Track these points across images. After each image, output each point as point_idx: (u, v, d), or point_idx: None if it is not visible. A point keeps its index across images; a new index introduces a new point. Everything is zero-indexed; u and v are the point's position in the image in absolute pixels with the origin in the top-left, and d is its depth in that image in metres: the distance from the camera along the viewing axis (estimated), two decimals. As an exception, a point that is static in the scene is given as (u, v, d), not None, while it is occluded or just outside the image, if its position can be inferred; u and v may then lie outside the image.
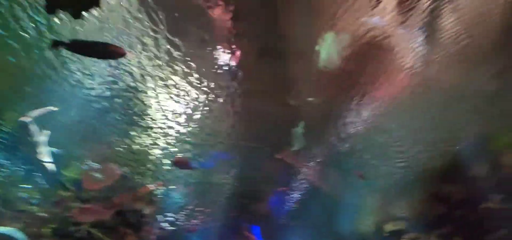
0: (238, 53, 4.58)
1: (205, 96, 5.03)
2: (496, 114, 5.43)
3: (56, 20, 3.18)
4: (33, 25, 3.25)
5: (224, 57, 4.59)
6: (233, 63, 4.74)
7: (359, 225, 8.31)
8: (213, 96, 5.08)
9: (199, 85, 4.82)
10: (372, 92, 5.21)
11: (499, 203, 5.26)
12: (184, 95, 4.92)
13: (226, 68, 4.73)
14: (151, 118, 5.01)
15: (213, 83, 4.88)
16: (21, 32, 3.30)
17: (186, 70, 4.57)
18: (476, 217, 5.54)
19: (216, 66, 4.69)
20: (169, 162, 5.83)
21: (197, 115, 5.30)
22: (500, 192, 5.27)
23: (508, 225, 4.96)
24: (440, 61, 4.82)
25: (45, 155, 4.95)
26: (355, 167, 6.37)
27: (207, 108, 5.27)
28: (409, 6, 4.26)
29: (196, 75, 4.71)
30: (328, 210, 7.83)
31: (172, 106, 4.99)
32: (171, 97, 4.86)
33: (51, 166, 5.08)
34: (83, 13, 2.18)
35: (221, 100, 5.19)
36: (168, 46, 4.14)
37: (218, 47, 4.49)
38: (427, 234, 6.55)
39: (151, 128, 5.15)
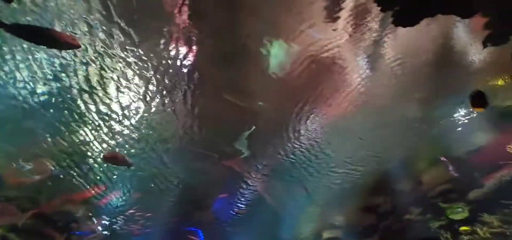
0: (192, 53, 4.49)
1: (154, 95, 4.82)
2: (419, 139, 6.27)
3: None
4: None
5: (178, 55, 4.40)
6: (187, 62, 4.63)
7: (299, 232, 8.74)
8: (163, 95, 4.90)
9: (147, 82, 4.60)
10: (319, 107, 5.57)
11: (417, 215, 6.04)
12: (130, 93, 4.63)
13: (179, 67, 4.54)
14: (94, 115, 4.60)
15: (163, 82, 4.66)
16: None
17: (134, 65, 4.34)
18: (398, 227, 6.28)
19: (168, 64, 4.55)
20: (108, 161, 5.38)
21: (144, 115, 5.02)
22: (419, 206, 6.05)
23: (417, 234, 5.73)
24: (379, 86, 5.42)
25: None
26: (298, 178, 6.69)
27: (156, 107, 5.05)
28: (360, 30, 4.73)
29: (147, 72, 4.50)
30: (271, 217, 8.06)
31: (116, 104, 4.65)
32: (117, 94, 4.54)
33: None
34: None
35: (170, 100, 5.01)
36: (117, 37, 3.91)
37: (172, 44, 4.37)
38: (359, 242, 7.25)
39: (92, 125, 4.72)
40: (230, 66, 4.96)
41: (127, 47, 4.09)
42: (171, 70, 4.68)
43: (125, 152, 5.45)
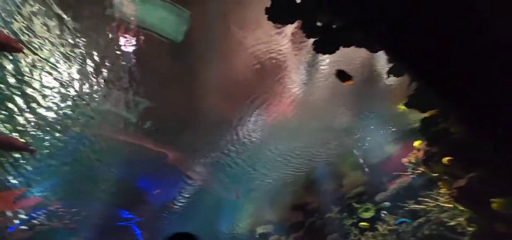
0: (137, 41, 4.36)
1: (93, 81, 4.56)
2: (343, 146, 7.06)
3: None
4: None
5: (117, 44, 4.26)
6: (129, 50, 4.47)
7: (236, 227, 9.10)
8: (102, 82, 4.67)
9: (82, 71, 4.34)
10: (260, 107, 5.88)
11: (336, 213, 6.81)
12: (64, 77, 4.33)
13: (122, 54, 4.39)
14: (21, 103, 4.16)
15: (104, 69, 4.47)
16: None
17: (69, 52, 4.07)
18: (320, 224, 7.02)
19: (111, 51, 4.35)
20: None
21: (79, 101, 4.71)
22: (338, 205, 6.83)
23: (338, 231, 6.51)
24: (313, 95, 5.95)
25: None
26: (236, 176, 6.96)
27: (94, 94, 4.77)
28: (301, 40, 5.11)
29: (84, 62, 4.25)
30: (209, 212, 8.23)
31: (48, 90, 4.31)
32: (46, 81, 4.20)
33: None
34: None
35: (110, 88, 4.80)
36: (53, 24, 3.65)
37: (114, 33, 4.19)
38: (287, 236, 7.87)
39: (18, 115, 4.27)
40: (174, 59, 4.96)
41: (59, 33, 3.85)
42: (111, 60, 4.51)
43: (52, 141, 5.05)
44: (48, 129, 4.90)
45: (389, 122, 5.92)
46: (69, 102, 4.77)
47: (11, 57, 3.82)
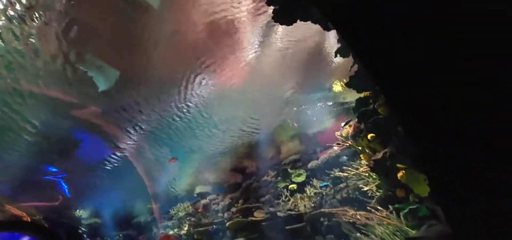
0: None
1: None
2: (285, 116, 7.50)
3: None
4: None
5: None
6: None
7: (174, 187, 9.13)
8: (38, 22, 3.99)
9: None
10: (209, 70, 5.78)
11: (272, 177, 7.39)
12: None
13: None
14: None
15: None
16: None
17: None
18: (256, 185, 7.56)
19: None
20: None
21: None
22: (274, 170, 7.40)
23: (271, 193, 7.13)
24: (264, 64, 6.07)
25: None
26: (178, 137, 6.88)
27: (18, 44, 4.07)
28: (260, 6, 5.06)
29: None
30: (147, 172, 8.04)
31: None
32: None
33: None
34: None
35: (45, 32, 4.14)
36: None
37: None
38: (224, 196, 8.29)
39: None
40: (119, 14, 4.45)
41: None
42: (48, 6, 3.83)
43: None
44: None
45: (329, 98, 6.48)
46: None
47: None
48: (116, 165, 7.78)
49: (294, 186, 6.54)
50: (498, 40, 1.40)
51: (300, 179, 6.65)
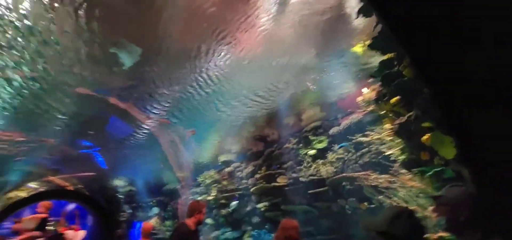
0: None
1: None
2: (307, 83, 7.42)
3: None
4: None
5: None
6: None
7: (200, 156, 9.56)
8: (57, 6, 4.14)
9: None
10: (227, 39, 5.76)
11: (293, 144, 7.49)
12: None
13: None
14: None
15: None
16: None
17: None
18: (278, 153, 7.72)
19: None
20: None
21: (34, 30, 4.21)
22: (296, 137, 7.47)
23: (293, 159, 7.27)
24: (283, 29, 5.93)
25: None
26: (199, 110, 7.07)
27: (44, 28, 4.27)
28: None
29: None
30: (173, 143, 8.43)
31: None
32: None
33: None
34: None
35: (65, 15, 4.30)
36: None
37: None
38: (247, 163, 8.57)
39: None
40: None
41: None
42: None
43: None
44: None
45: (350, 62, 6.26)
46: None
47: None
48: (142, 139, 8.25)
49: (315, 152, 6.61)
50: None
51: (322, 145, 6.68)
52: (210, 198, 9.26)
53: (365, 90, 5.61)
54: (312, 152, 6.75)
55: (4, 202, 9.89)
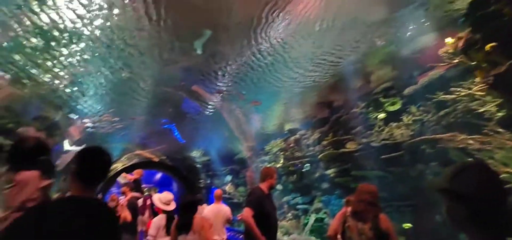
0: None
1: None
2: (372, 42, 6.78)
3: None
4: None
5: None
6: None
7: (266, 126, 9.89)
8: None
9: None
10: (285, 6, 5.63)
11: (362, 108, 7.10)
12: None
13: None
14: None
15: None
16: None
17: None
18: (345, 118, 7.43)
19: None
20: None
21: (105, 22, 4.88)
22: (364, 101, 7.04)
23: (362, 124, 6.91)
24: None
25: None
26: (263, 79, 7.20)
27: (120, 11, 4.87)
28: None
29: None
30: (237, 116, 8.92)
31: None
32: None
33: None
34: None
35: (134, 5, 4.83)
36: None
37: None
38: (313, 131, 8.52)
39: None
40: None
41: None
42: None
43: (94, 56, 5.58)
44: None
45: (428, 8, 5.45)
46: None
47: None
48: (210, 114, 8.97)
49: (385, 115, 6.11)
50: None
51: (395, 107, 6.15)
52: (278, 165, 9.62)
53: (448, 40, 4.83)
54: (383, 115, 6.28)
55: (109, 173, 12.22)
